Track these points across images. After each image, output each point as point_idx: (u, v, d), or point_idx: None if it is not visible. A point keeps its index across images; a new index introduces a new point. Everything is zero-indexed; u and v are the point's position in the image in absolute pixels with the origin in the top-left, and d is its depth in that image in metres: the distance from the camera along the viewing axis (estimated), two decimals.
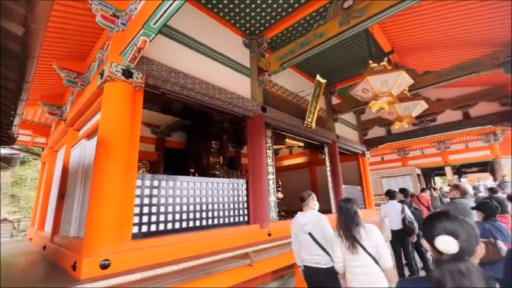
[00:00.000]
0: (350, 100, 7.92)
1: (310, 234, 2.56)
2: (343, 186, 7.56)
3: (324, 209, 8.25)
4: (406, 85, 4.29)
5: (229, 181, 4.43)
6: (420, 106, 5.24)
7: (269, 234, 4.50)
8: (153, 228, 3.27)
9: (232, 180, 4.52)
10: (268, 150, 5.26)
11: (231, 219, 4.29)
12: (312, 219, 2.62)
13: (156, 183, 3.43)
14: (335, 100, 8.42)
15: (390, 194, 5.07)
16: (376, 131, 9.69)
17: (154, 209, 3.33)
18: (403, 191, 4.95)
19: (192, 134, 8.40)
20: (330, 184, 7.28)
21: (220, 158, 8.37)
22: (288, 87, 6.40)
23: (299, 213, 2.80)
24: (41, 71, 5.01)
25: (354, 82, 7.37)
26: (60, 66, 4.61)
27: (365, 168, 9.36)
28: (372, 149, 9.65)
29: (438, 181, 23.69)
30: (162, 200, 3.44)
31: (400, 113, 5.38)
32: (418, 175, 13.73)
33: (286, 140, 8.19)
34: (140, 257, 2.86)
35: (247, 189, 4.72)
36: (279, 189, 7.67)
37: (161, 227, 3.36)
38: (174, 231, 3.46)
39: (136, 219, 3.13)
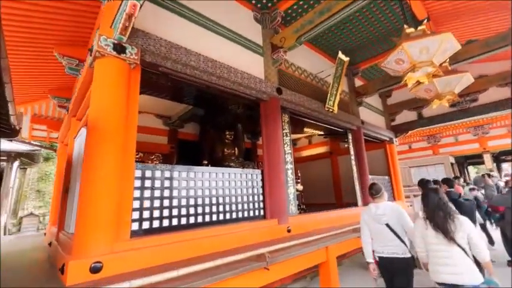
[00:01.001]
0: (376, 81, 7.12)
1: (387, 224, 2.53)
2: (370, 176, 6.86)
3: (349, 202, 7.63)
4: (451, 52, 3.53)
5: (242, 171, 3.97)
6: (466, 79, 4.43)
7: (288, 231, 4.00)
8: (155, 224, 2.89)
9: (245, 171, 4.05)
10: (285, 137, 4.73)
11: (245, 214, 3.84)
12: (389, 209, 2.60)
13: (158, 173, 3.03)
14: (358, 82, 7.64)
15: (424, 184, 4.35)
16: (405, 116, 8.76)
17: (157, 203, 2.95)
18: (446, 181, 4.22)
19: (206, 125, 8.03)
20: (355, 175, 6.62)
21: (236, 149, 7.96)
22: (306, 68, 5.77)
23: (372, 204, 2.77)
24: (45, 60, 4.80)
25: (380, 61, 6.58)
26: (60, 53, 4.35)
27: (393, 156, 8.53)
28: (400, 135, 8.77)
29: (472, 170, 21.84)
30: (166, 193, 3.05)
31: (439, 90, 4.58)
32: (452, 164, 12.51)
33: (305, 128, 7.60)
34: (140, 258, 2.49)
35: (262, 180, 4.23)
36: (298, 180, 7.15)
37: (165, 223, 2.97)
38: (180, 227, 3.07)
39: (136, 215, 2.76)
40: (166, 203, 3.03)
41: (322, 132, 8.55)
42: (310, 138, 11.31)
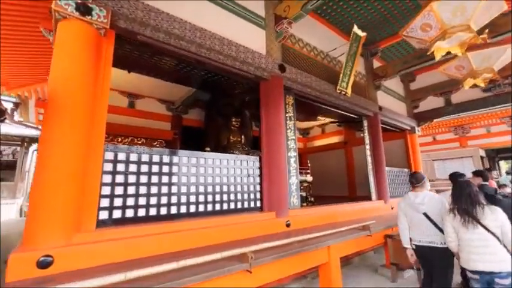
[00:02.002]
0: (397, 61, 6.33)
1: (425, 214, 2.53)
2: (387, 168, 6.22)
3: (363, 196, 7.03)
4: (494, 13, 2.83)
5: (235, 157, 3.55)
6: (509, 53, 3.66)
7: (287, 225, 3.58)
8: (129, 213, 2.56)
9: (240, 157, 3.62)
10: (288, 121, 4.22)
11: (239, 205, 3.44)
12: (428, 199, 2.58)
13: (134, 157, 2.68)
14: (376, 64, 6.85)
15: (456, 178, 3.69)
16: (431, 102, 7.85)
17: (132, 190, 2.61)
18: (479, 173, 3.56)
19: (211, 111, 7.65)
20: (370, 166, 6.01)
21: (242, 137, 7.56)
22: (316, 45, 5.15)
23: (410, 193, 2.75)
24: (36, 37, 4.55)
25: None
26: (46, 28, 4.03)
27: (414, 147, 7.76)
28: (423, 124, 7.92)
29: (504, 166, 20.04)
30: (143, 179, 2.70)
31: (474, 66, 3.86)
32: (482, 157, 11.36)
33: (315, 113, 6.99)
34: (107, 252, 2.18)
35: (260, 168, 3.79)
36: (308, 171, 6.66)
37: (141, 212, 2.63)
38: (159, 218, 2.73)
39: (105, 202, 2.43)
40: (143, 190, 2.68)
41: (334, 120, 7.90)
42: (323, 127, 10.66)
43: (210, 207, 3.14)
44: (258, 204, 3.67)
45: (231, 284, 2.02)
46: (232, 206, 3.36)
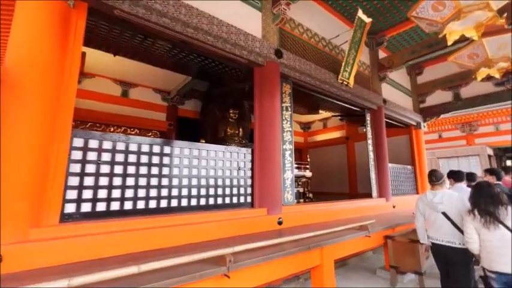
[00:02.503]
0: (404, 51, 5.95)
1: (444, 213, 2.46)
2: (390, 165, 5.91)
3: (363, 193, 6.76)
4: None
5: (224, 149, 3.28)
6: None
7: (279, 223, 3.32)
8: (101, 207, 2.32)
9: (229, 148, 3.35)
10: (285, 112, 3.94)
11: (227, 200, 3.19)
12: (447, 198, 2.49)
13: (108, 145, 2.42)
14: (382, 54, 6.47)
15: (456, 175, 3.37)
16: (438, 97, 7.47)
17: (104, 181, 2.36)
18: (493, 171, 3.26)
19: (207, 102, 7.37)
20: (372, 162, 5.71)
21: (240, 129, 7.28)
22: (316, 31, 4.81)
23: (428, 191, 2.68)
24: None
25: (412, 26, 5.43)
26: None
27: (419, 144, 7.42)
28: (430, 119, 7.55)
29: (510, 165, 19.53)
30: (118, 169, 2.45)
31: (490, 54, 3.51)
32: (490, 156, 10.96)
33: (316, 105, 6.67)
34: (72, 249, 1.96)
35: (252, 161, 3.53)
36: (307, 166, 6.39)
37: (115, 206, 2.39)
38: (136, 212, 2.49)
39: (73, 194, 2.19)
40: (117, 181, 2.43)
41: (336, 113, 7.57)
42: (325, 121, 10.34)
43: (194, 202, 2.89)
44: (249, 199, 3.41)
45: None
46: (219, 201, 3.11)
